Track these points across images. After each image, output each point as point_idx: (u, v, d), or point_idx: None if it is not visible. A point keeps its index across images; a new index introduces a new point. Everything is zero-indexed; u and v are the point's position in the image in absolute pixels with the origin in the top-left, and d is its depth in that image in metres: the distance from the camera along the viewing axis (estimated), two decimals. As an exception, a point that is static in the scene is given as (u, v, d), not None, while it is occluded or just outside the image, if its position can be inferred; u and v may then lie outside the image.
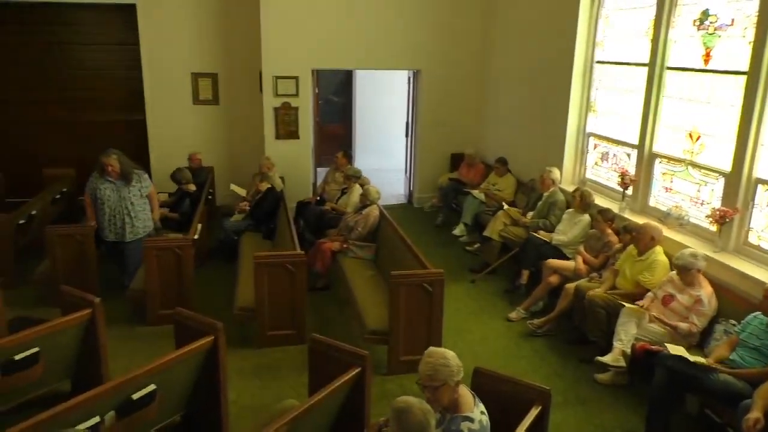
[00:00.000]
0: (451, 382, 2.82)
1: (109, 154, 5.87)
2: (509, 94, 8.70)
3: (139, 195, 6.03)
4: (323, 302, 6.29)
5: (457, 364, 2.86)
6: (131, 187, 5.96)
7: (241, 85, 9.27)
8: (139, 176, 6.03)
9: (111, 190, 5.91)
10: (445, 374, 2.81)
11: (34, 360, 3.86)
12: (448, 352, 2.89)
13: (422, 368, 2.85)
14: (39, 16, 8.81)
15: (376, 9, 8.79)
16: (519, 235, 6.69)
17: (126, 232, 5.97)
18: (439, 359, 2.84)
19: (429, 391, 2.82)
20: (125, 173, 5.91)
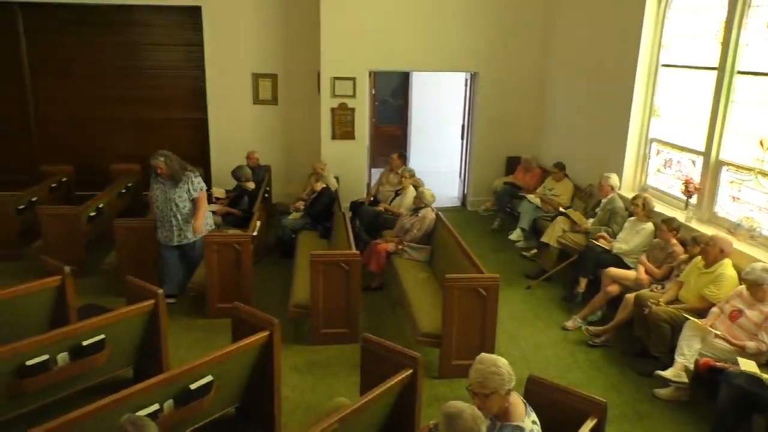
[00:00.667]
0: (501, 391, 2.77)
1: (157, 155, 5.76)
2: (568, 96, 8.53)
3: (187, 198, 5.82)
4: (377, 302, 6.32)
5: (508, 371, 2.80)
6: (178, 188, 5.78)
7: (299, 86, 9.42)
8: (188, 178, 5.81)
9: (160, 190, 5.84)
10: (495, 382, 2.76)
11: (101, 346, 4.02)
12: (499, 359, 2.84)
13: (473, 375, 2.81)
14: (111, 17, 9.20)
15: (435, 11, 8.77)
16: (578, 242, 6.54)
17: (174, 235, 5.86)
18: (490, 366, 2.79)
19: (479, 398, 2.78)
20: (173, 174, 5.75)
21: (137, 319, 4.29)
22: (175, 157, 5.78)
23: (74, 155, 9.40)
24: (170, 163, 5.71)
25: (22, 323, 4.39)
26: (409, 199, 7.27)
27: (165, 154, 5.74)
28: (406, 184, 7.64)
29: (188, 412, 3.57)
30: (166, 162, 5.69)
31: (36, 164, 9.33)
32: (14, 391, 3.64)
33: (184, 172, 5.79)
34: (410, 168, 7.91)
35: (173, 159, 5.75)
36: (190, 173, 5.83)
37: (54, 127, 9.55)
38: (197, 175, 5.91)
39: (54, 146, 9.56)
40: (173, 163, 5.72)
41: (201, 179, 5.96)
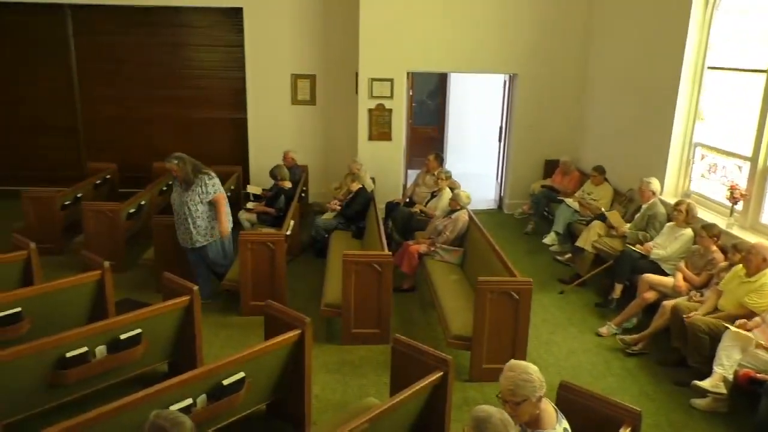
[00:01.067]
0: (532, 398, 2.74)
1: (171, 158, 5.68)
2: (609, 99, 8.37)
3: (198, 201, 5.68)
4: (408, 303, 6.32)
5: (539, 378, 2.76)
6: (190, 192, 5.68)
7: (337, 87, 9.50)
8: (201, 182, 5.69)
9: (177, 193, 5.80)
10: (527, 390, 2.73)
11: (137, 340, 4.13)
12: (530, 366, 2.81)
13: (503, 382, 2.78)
14: (157, 19, 9.47)
15: (474, 12, 8.72)
16: (614, 246, 6.41)
17: (188, 237, 5.79)
18: (521, 374, 2.75)
19: (510, 406, 2.75)
20: (186, 178, 5.68)
21: (173, 314, 4.38)
22: (189, 160, 5.70)
23: (119, 153, 9.69)
24: (183, 166, 5.64)
25: (63, 315, 4.55)
26: (445, 201, 7.24)
27: (178, 157, 5.67)
28: (443, 185, 7.62)
29: (220, 407, 3.63)
30: (179, 165, 5.63)
31: (83, 161, 9.65)
32: (55, 381, 3.77)
33: (197, 176, 5.69)
34: (447, 170, 7.89)
35: (187, 162, 5.67)
36: (203, 176, 5.71)
37: (100, 126, 9.87)
38: (212, 178, 5.77)
39: (100, 144, 9.89)
40: (186, 166, 5.65)
41: (217, 182, 5.82)
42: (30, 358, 3.64)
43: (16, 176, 9.71)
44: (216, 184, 5.78)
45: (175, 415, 2.45)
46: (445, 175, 7.71)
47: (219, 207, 5.79)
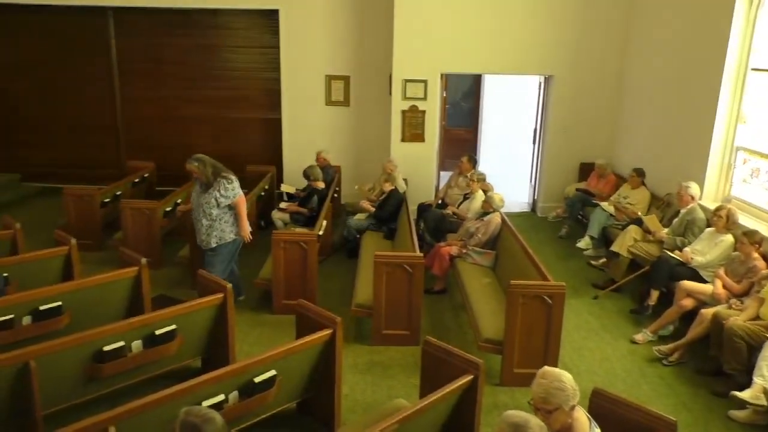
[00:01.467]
0: (565, 407, 2.69)
1: (192, 159, 5.59)
2: (648, 101, 8.20)
3: (215, 204, 5.53)
4: (439, 305, 6.30)
5: (572, 387, 2.72)
6: (207, 194, 5.55)
7: (370, 88, 9.53)
8: (220, 185, 5.54)
9: (196, 193, 5.71)
10: (559, 398, 2.69)
11: (172, 336, 4.20)
12: (564, 374, 2.76)
13: (535, 390, 2.74)
14: (196, 21, 9.66)
15: (510, 13, 8.64)
16: (651, 252, 6.28)
17: (200, 238, 5.68)
18: (554, 382, 2.71)
19: (542, 414, 2.71)
20: (206, 179, 5.56)
21: (207, 311, 4.45)
22: (209, 162, 5.59)
23: (156, 152, 9.91)
24: (203, 167, 5.54)
25: (101, 310, 4.67)
26: (478, 203, 7.20)
27: (198, 159, 5.59)
28: (475, 188, 7.56)
29: (252, 404, 3.67)
30: (198, 166, 5.54)
31: (122, 160, 9.89)
32: (92, 374, 3.86)
33: (217, 178, 5.56)
34: (480, 171, 7.84)
35: (207, 163, 5.57)
36: (222, 180, 5.57)
37: (139, 125, 10.11)
38: (231, 181, 5.61)
39: (138, 143, 10.13)
40: (206, 168, 5.55)
41: (236, 186, 5.66)
42: (69, 351, 3.74)
43: (58, 174, 10.01)
44: (235, 188, 5.64)
45: (206, 411, 2.45)
46: (478, 178, 7.65)
47: (239, 210, 5.66)
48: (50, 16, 9.55)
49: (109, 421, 3.01)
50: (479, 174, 7.74)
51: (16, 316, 4.18)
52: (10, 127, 10.15)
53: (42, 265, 5.13)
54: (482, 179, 7.67)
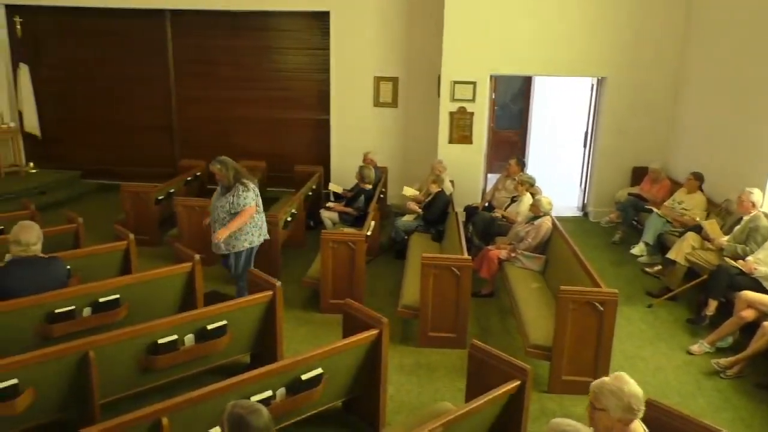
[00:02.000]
0: (611, 413, 2.65)
1: (215, 161, 5.56)
2: (705, 104, 7.93)
3: (229, 209, 5.49)
4: (486, 309, 6.24)
5: (631, 402, 2.65)
6: (224, 198, 5.53)
7: (418, 89, 9.52)
8: (236, 190, 5.50)
9: (216, 196, 5.69)
10: (608, 401, 2.65)
11: (223, 331, 4.29)
12: (633, 386, 2.69)
13: (595, 383, 2.75)
14: (250, 23, 9.85)
15: (561, 13, 8.49)
16: (709, 260, 6.06)
17: (221, 243, 5.59)
18: (614, 384, 2.68)
19: (590, 408, 2.73)
20: (227, 183, 5.53)
21: (256, 308, 4.53)
22: (232, 166, 5.56)
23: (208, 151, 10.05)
24: (225, 171, 5.51)
25: (156, 304, 4.81)
26: (525, 207, 7.10)
27: (222, 161, 5.55)
28: (522, 191, 7.46)
29: (298, 401, 3.72)
30: (221, 169, 5.51)
31: (177, 159, 10.17)
32: (147, 365, 3.98)
33: (236, 183, 5.52)
34: (528, 175, 7.72)
35: (230, 167, 5.54)
36: (239, 186, 5.51)
37: (192, 125, 10.38)
38: (246, 190, 5.53)
39: (191, 142, 10.41)
40: (228, 172, 5.51)
41: (250, 195, 5.56)
42: (126, 342, 3.87)
43: (116, 171, 10.39)
44: (248, 197, 5.53)
45: (252, 403, 2.51)
46: (525, 180, 7.53)
47: (239, 216, 5.49)
48: (111, 18, 9.91)
49: (163, 411, 3.10)
50: (527, 177, 7.62)
51: (77, 307, 4.34)
52: (73, 127, 10.57)
53: (102, 259, 5.32)
54: (530, 182, 7.54)
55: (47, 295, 4.20)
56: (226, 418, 2.45)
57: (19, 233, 4.23)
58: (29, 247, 4.24)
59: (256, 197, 5.65)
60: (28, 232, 4.24)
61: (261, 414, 2.45)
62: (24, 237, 4.22)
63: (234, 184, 5.51)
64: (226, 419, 2.45)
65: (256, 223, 5.69)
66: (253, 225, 5.66)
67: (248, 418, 2.41)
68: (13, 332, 4.07)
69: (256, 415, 2.43)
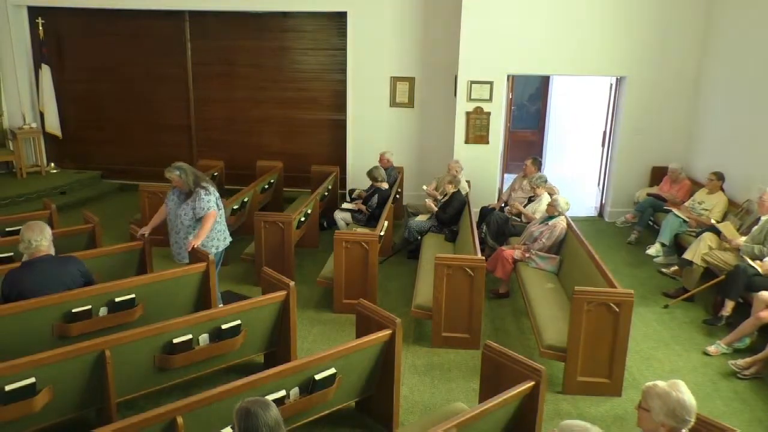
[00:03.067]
0: (655, 416, 2.67)
1: (171, 167, 5.35)
2: (728, 102, 7.81)
3: (192, 216, 5.32)
4: (500, 310, 6.21)
5: (674, 408, 2.63)
6: (186, 204, 5.34)
7: (435, 89, 9.50)
8: (198, 195, 5.30)
9: (173, 203, 5.47)
10: (654, 404, 2.69)
11: (237, 331, 4.33)
12: (684, 395, 2.67)
13: (648, 383, 2.78)
14: (267, 24, 9.92)
15: (580, 13, 8.41)
16: (727, 261, 5.98)
17: (174, 252, 5.47)
18: (660, 389, 2.70)
19: (639, 407, 2.77)
20: (187, 188, 5.34)
21: (271, 308, 4.55)
22: (191, 171, 5.37)
23: (226, 151, 10.28)
24: (185, 177, 5.32)
25: (171, 303, 4.87)
26: (544, 206, 7.06)
27: (179, 167, 5.35)
28: (539, 192, 7.41)
29: (312, 401, 3.74)
30: (180, 176, 5.31)
31: (194, 159, 10.27)
32: (162, 364, 4.03)
33: (196, 188, 5.33)
34: (542, 175, 7.66)
35: (189, 172, 5.34)
36: (201, 190, 5.32)
37: (210, 125, 10.47)
38: (208, 193, 5.35)
39: (209, 142, 10.51)
40: (187, 177, 5.32)
41: (212, 198, 5.38)
42: (142, 341, 3.92)
43: (134, 171, 10.53)
44: (211, 200, 5.34)
45: (262, 399, 2.57)
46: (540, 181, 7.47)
47: (204, 223, 5.31)
48: (130, 20, 10.03)
49: (178, 411, 3.14)
50: (540, 177, 7.57)
51: (94, 306, 4.40)
52: (94, 128, 10.71)
53: (118, 259, 5.40)
54: (544, 181, 7.49)
55: (65, 294, 4.26)
56: (235, 413, 2.51)
57: (23, 231, 4.27)
58: (31, 244, 4.21)
59: (217, 200, 5.47)
60: (31, 230, 4.26)
61: (268, 407, 2.51)
62: (27, 234, 4.23)
63: (194, 189, 5.33)
64: (235, 414, 2.51)
65: (219, 228, 5.54)
66: (217, 230, 5.50)
67: (255, 409, 2.47)
68: (31, 332, 4.13)
69: (263, 408, 2.49)
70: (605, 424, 4.33)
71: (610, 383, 4.66)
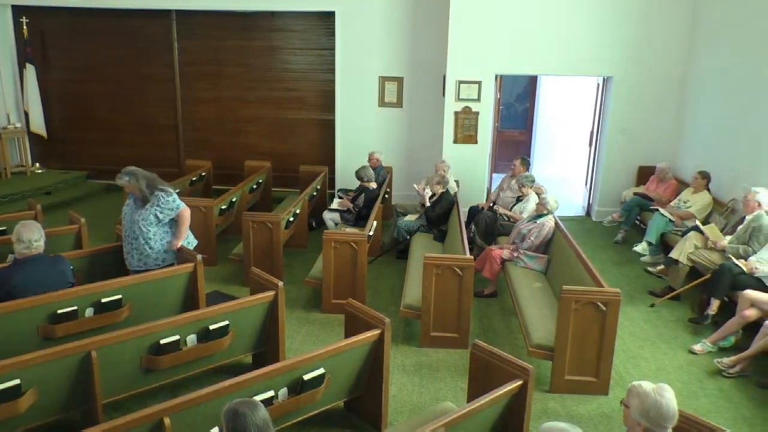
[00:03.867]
0: (633, 414, 2.69)
1: (122, 173, 5.05)
2: (713, 102, 7.89)
3: (154, 221, 5.03)
4: (489, 309, 6.23)
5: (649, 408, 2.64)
6: (144, 210, 5.03)
7: (423, 89, 9.53)
8: (158, 199, 5.03)
9: (130, 209, 5.14)
10: (633, 402, 2.71)
11: (225, 331, 4.30)
12: (664, 399, 2.66)
13: (635, 382, 2.79)
14: (255, 24, 9.91)
15: (567, 13, 8.48)
16: (712, 259, 6.04)
17: (133, 259, 5.10)
18: (642, 389, 2.70)
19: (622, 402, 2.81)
20: (141, 194, 5.04)
21: (259, 308, 4.53)
22: (143, 175, 5.05)
23: (214, 151, 10.24)
24: (135, 182, 5.01)
25: (158, 304, 4.83)
26: (532, 205, 7.10)
27: (129, 173, 5.04)
28: (525, 191, 7.44)
29: (301, 401, 3.73)
30: (130, 181, 5.01)
31: (182, 159, 10.22)
32: (149, 365, 4.00)
33: (153, 192, 5.05)
34: (528, 174, 7.69)
35: (139, 177, 5.03)
36: (160, 193, 5.05)
37: (198, 125, 10.43)
38: (170, 194, 5.10)
39: (197, 142, 10.47)
40: (139, 182, 5.01)
41: (176, 197, 5.16)
42: (128, 342, 3.89)
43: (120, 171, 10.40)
44: (175, 200, 5.13)
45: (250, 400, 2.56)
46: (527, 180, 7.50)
47: (180, 223, 5.15)
48: (116, 19, 9.97)
49: (165, 411, 3.11)
50: (527, 177, 7.60)
51: (80, 307, 4.36)
52: (79, 127, 10.63)
53: (103, 259, 5.35)
54: (530, 181, 7.52)
55: (50, 295, 4.23)
56: (223, 415, 2.51)
57: (21, 231, 4.29)
58: (32, 245, 4.30)
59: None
60: (29, 230, 4.31)
61: (256, 407, 2.51)
62: (26, 235, 4.28)
63: (150, 193, 5.04)
64: (223, 416, 2.51)
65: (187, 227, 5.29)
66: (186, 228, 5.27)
67: (243, 410, 2.47)
68: (15, 333, 4.09)
69: (251, 408, 2.49)
70: (592, 423, 4.36)
71: (598, 382, 4.69)
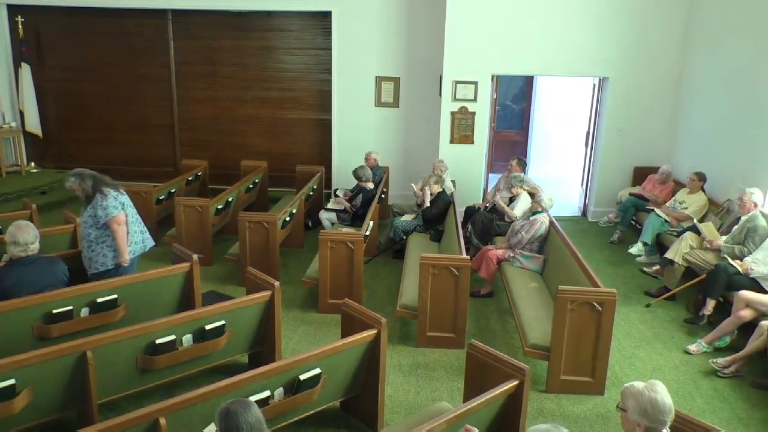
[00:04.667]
0: (631, 416, 2.67)
1: (69, 175, 4.91)
2: (709, 103, 7.91)
3: (92, 223, 4.87)
4: (485, 309, 6.24)
5: (646, 406, 2.62)
6: (85, 212, 4.92)
7: (420, 89, 9.53)
8: (95, 201, 4.85)
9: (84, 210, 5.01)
10: (629, 404, 2.69)
11: (221, 331, 4.30)
12: (658, 395, 2.64)
13: (627, 384, 2.78)
14: (251, 23, 9.88)
15: (563, 14, 8.49)
16: (708, 260, 6.06)
17: (84, 262, 4.99)
18: (635, 389, 2.69)
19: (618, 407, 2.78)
20: (85, 195, 4.90)
21: (255, 308, 4.53)
22: (89, 176, 4.89)
23: (210, 151, 10.22)
24: (81, 183, 4.87)
25: (154, 304, 4.82)
26: (524, 204, 7.10)
27: (76, 174, 4.90)
28: (515, 192, 7.46)
29: (296, 401, 3.72)
30: (76, 182, 4.88)
31: (177, 158, 10.20)
32: (145, 365, 3.99)
33: (95, 193, 4.88)
34: (517, 174, 7.71)
35: (86, 178, 4.87)
36: (98, 196, 4.86)
37: (194, 124, 10.40)
38: (106, 198, 4.88)
39: (193, 142, 10.44)
40: (84, 183, 4.87)
41: (111, 203, 4.88)
42: (124, 342, 3.88)
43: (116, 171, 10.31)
44: (109, 205, 4.85)
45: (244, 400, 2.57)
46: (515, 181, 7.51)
47: (113, 231, 4.89)
48: (112, 18, 9.94)
49: (160, 412, 3.10)
50: (516, 176, 7.61)
51: (75, 307, 4.35)
52: (75, 127, 10.59)
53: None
54: (519, 181, 7.53)
55: (45, 295, 4.22)
56: (217, 415, 2.51)
57: (16, 234, 4.27)
58: (29, 247, 4.30)
59: (121, 205, 4.98)
60: (25, 232, 4.29)
61: (249, 406, 2.51)
62: (22, 237, 4.27)
63: (93, 194, 4.88)
64: (216, 416, 2.51)
65: (131, 230, 5.10)
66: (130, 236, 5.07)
67: (235, 408, 2.47)
68: (10, 332, 4.08)
69: (244, 407, 2.49)
70: (588, 423, 4.37)
71: (593, 382, 4.70)
